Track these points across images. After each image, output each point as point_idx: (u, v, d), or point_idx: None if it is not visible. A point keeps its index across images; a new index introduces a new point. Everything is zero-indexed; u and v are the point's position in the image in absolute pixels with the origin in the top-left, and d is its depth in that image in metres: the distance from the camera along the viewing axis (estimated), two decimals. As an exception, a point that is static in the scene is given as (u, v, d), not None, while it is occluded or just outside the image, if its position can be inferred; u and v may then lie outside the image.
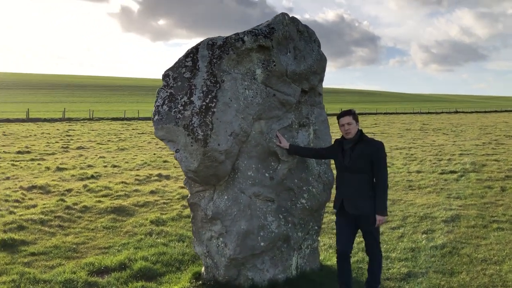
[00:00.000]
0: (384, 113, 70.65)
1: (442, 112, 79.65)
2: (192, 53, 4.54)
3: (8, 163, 14.44)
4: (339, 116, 4.46)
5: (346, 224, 4.45)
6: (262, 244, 4.56)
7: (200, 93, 4.31)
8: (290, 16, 5.00)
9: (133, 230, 7.09)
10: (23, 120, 38.51)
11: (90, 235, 6.82)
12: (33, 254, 5.90)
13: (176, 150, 4.30)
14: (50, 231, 6.96)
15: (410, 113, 74.97)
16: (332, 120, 6.98)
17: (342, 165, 4.44)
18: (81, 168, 13.50)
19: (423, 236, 6.47)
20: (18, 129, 30.39)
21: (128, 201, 8.91)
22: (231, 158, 4.39)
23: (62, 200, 8.71)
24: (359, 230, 4.46)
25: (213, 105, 4.25)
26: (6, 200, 8.78)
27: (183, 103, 4.30)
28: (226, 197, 4.51)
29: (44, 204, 8.47)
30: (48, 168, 13.48)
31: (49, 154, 17.38)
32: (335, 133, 5.76)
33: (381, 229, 6.71)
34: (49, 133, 27.15)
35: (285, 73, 4.70)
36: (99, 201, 8.84)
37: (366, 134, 4.43)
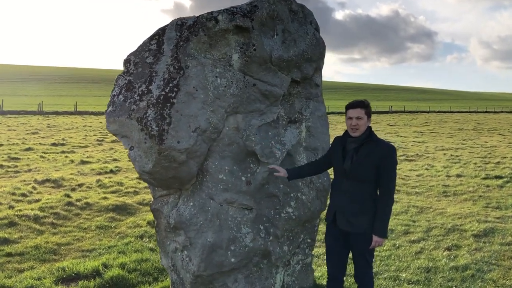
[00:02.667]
0: (437, 112, 67.57)
1: (501, 112, 75.14)
2: (158, 35, 3.91)
3: (37, 155, 14.49)
4: (348, 106, 3.57)
5: (337, 242, 3.67)
6: (232, 260, 3.86)
7: (161, 81, 3.67)
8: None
9: (126, 232, 6.59)
10: (71, 113, 39.58)
11: (79, 235, 6.38)
12: (9, 254, 5.51)
13: (130, 147, 3.69)
14: (40, 229, 6.58)
15: (466, 112, 71.26)
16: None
17: (340, 169, 3.61)
18: (105, 162, 13.29)
19: (445, 253, 5.54)
20: (63, 121, 31.13)
21: (134, 199, 8.46)
22: (196, 159, 3.72)
23: (67, 195, 8.37)
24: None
25: (173, 95, 3.60)
26: (13, 194, 8.56)
27: (140, 92, 3.68)
28: (191, 203, 3.86)
29: (48, 199, 8.16)
30: (72, 161, 13.36)
31: (82, 147, 17.40)
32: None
33: (397, 242, 5.86)
34: (90, 126, 27.56)
35: (269, 59, 3.98)
36: (105, 198, 8.44)
37: (378, 135, 3.60)
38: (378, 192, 3.51)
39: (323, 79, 4.86)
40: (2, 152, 14.77)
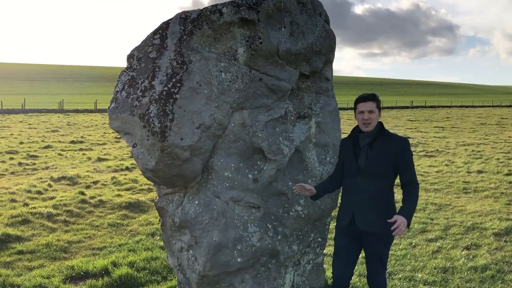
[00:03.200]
0: (459, 106, 66.24)
1: (526, 105, 73.29)
2: (162, 29, 3.81)
3: (56, 153, 14.66)
4: (358, 100, 3.44)
5: (349, 243, 3.49)
6: (239, 259, 3.75)
7: (164, 76, 3.58)
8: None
9: (138, 230, 6.55)
10: (91, 111, 40.07)
11: (91, 233, 6.36)
12: (20, 252, 5.51)
13: (133, 144, 3.60)
14: (53, 226, 6.59)
15: (489, 106, 69.72)
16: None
17: (354, 168, 3.43)
18: (121, 159, 13.34)
19: (464, 252, 5.33)
20: (83, 119, 31.51)
21: (148, 196, 8.43)
22: (200, 156, 3.62)
23: (82, 193, 8.38)
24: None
25: (176, 90, 3.50)
26: (29, 191, 8.62)
27: (143, 88, 3.59)
28: (197, 202, 3.75)
29: (62, 196, 8.19)
30: (89, 158, 13.46)
31: (100, 144, 17.54)
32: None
33: (414, 241, 5.67)
34: (109, 124, 27.81)
35: (276, 52, 3.84)
36: (118, 195, 8.44)
37: (391, 130, 3.45)
38: (401, 185, 3.33)
39: (342, 74, 4.72)
40: (22, 150, 14.98)
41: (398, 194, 3.88)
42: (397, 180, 3.35)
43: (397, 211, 3.27)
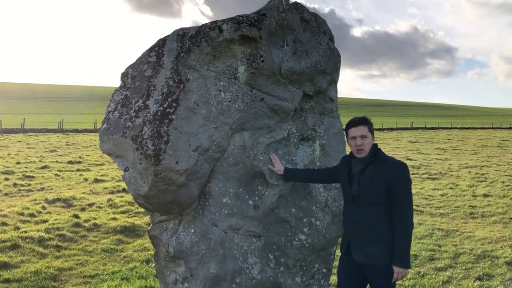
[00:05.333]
0: (460, 128, 66.17)
1: (527, 128, 73.17)
2: (158, 46, 3.61)
3: (52, 173, 14.39)
4: (349, 125, 3.30)
5: (351, 274, 3.28)
6: (238, 293, 3.47)
7: (159, 95, 3.36)
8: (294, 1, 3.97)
9: (132, 256, 6.25)
10: (90, 131, 39.88)
11: (83, 259, 6.07)
12: (6, 280, 5.21)
13: (125, 168, 3.36)
14: (43, 252, 6.29)
15: (489, 128, 69.60)
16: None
17: (348, 194, 3.28)
18: (118, 181, 13.07)
19: (476, 283, 5.04)
20: (82, 139, 31.31)
21: (144, 220, 8.14)
22: (197, 180, 3.37)
23: (76, 216, 8.10)
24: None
25: (171, 110, 3.27)
26: (21, 214, 8.34)
27: (137, 108, 3.37)
28: (192, 230, 3.49)
29: (56, 219, 7.90)
30: (86, 179, 13.19)
31: (98, 165, 17.29)
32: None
33: (422, 270, 5.38)
34: (108, 144, 27.58)
35: (278, 71, 3.63)
36: (114, 218, 8.15)
37: (387, 153, 3.24)
38: (392, 217, 3.12)
39: (342, 95, 4.53)
40: (18, 170, 14.72)
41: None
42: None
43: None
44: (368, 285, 3.30)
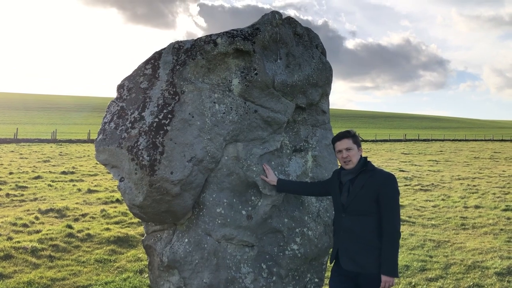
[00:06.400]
0: (452, 140, 66.64)
1: (518, 140, 73.81)
2: (154, 59, 3.69)
3: (46, 184, 14.33)
4: (334, 139, 3.43)
5: (342, 284, 3.33)
6: (231, 303, 3.52)
7: (155, 107, 3.43)
8: (287, 16, 4.07)
9: (125, 266, 6.26)
10: (84, 141, 39.77)
11: (76, 270, 6.07)
12: (-1, 291, 5.22)
13: (121, 178, 3.42)
14: (36, 262, 6.28)
15: (481, 140, 70.17)
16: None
17: (338, 204, 3.37)
18: (112, 191, 13.05)
19: (466, 293, 5.10)
20: (76, 149, 31.19)
21: (137, 230, 8.15)
22: (191, 191, 3.43)
23: (69, 226, 8.08)
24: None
25: (167, 122, 3.34)
26: (14, 224, 8.31)
27: (132, 119, 3.43)
28: (186, 240, 3.54)
29: (49, 230, 7.88)
30: (79, 190, 13.16)
31: (91, 175, 17.23)
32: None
33: (413, 280, 5.43)
34: (102, 154, 27.48)
35: (272, 84, 3.72)
36: (107, 229, 8.14)
37: (376, 165, 3.32)
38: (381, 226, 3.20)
39: (335, 107, 4.63)
40: (11, 180, 14.65)
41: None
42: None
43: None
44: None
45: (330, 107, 4.50)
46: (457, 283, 5.45)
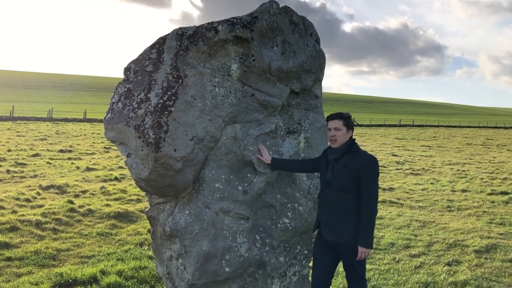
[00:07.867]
0: (446, 126, 67.18)
1: (512, 127, 74.53)
2: (159, 44, 3.95)
3: (44, 161, 14.62)
4: (328, 118, 3.77)
5: (324, 254, 3.70)
6: (227, 269, 3.86)
7: (160, 89, 3.71)
8: (284, 5, 4.33)
9: (126, 239, 6.61)
10: (80, 120, 39.91)
11: (79, 242, 6.41)
12: (8, 259, 5.55)
13: (128, 154, 3.72)
14: (41, 234, 6.62)
15: (475, 127, 70.77)
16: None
17: (324, 180, 3.71)
18: (110, 169, 13.36)
19: (445, 268, 5.49)
20: (72, 128, 31.40)
21: (136, 207, 8.49)
22: (192, 167, 3.74)
23: (70, 201, 8.42)
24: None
25: (171, 103, 3.63)
26: (17, 199, 8.63)
27: (139, 100, 3.72)
28: (187, 212, 3.87)
29: (51, 204, 8.22)
30: (78, 168, 13.46)
31: (89, 154, 17.52)
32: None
33: (397, 256, 5.80)
34: (99, 133, 27.75)
35: (268, 69, 4.00)
36: (107, 205, 8.48)
37: (361, 147, 3.63)
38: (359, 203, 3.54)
39: (332, 91, 4.92)
40: (10, 157, 14.92)
41: (382, 212, 4.01)
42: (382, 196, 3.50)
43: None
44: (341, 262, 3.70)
45: (327, 91, 4.81)
46: (438, 259, 5.83)
